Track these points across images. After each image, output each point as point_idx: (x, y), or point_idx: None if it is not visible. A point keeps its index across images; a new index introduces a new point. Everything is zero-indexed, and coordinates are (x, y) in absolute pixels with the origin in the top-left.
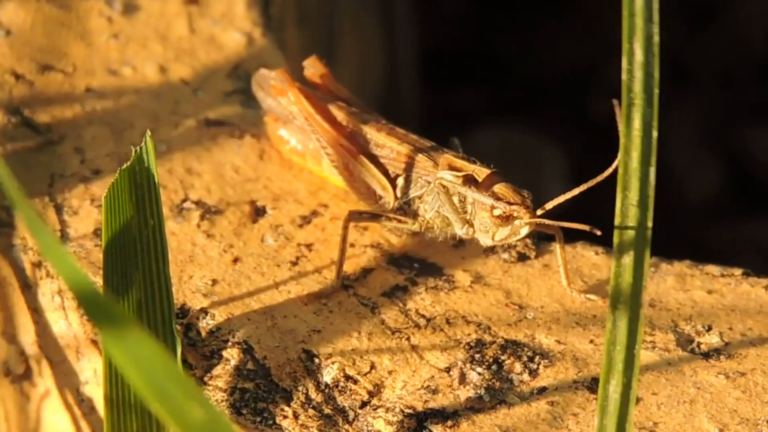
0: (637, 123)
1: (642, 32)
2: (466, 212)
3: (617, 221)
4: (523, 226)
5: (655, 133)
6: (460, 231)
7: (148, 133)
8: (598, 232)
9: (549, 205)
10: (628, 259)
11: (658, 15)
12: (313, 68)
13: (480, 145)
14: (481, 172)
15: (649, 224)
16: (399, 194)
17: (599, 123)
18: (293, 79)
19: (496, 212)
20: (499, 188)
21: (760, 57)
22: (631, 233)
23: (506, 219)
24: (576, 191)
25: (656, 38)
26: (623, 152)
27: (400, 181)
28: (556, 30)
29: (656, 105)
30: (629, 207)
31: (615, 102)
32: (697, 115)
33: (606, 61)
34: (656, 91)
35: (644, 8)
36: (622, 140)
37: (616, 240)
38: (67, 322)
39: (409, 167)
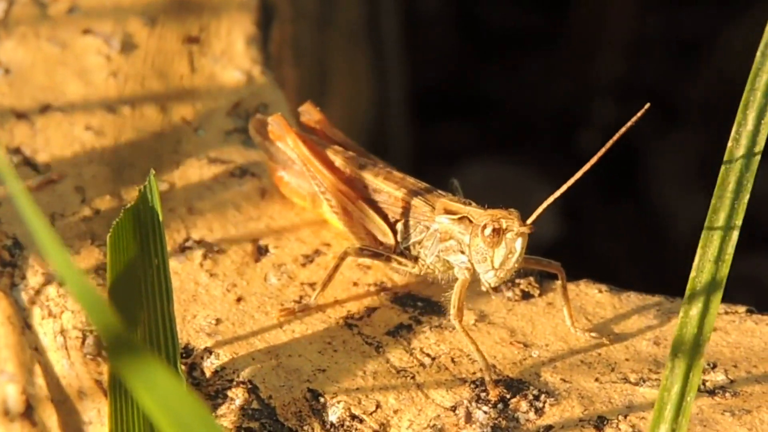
0: (731, 186)
1: (758, 105)
2: (464, 254)
3: (693, 274)
4: (515, 239)
5: (746, 198)
6: (462, 275)
7: (152, 172)
8: None
9: (531, 219)
10: (695, 311)
11: None
12: (308, 114)
13: (468, 181)
14: (476, 213)
15: (722, 282)
16: (400, 239)
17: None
18: (290, 124)
19: (487, 231)
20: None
21: None
22: (702, 287)
23: (497, 233)
24: (551, 199)
25: None
26: (712, 211)
27: (400, 227)
28: (543, 66)
29: (754, 172)
30: (706, 262)
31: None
32: (685, 150)
33: (592, 97)
34: (757, 159)
35: (767, 84)
36: (713, 201)
37: (687, 292)
38: (69, 362)
39: (407, 212)
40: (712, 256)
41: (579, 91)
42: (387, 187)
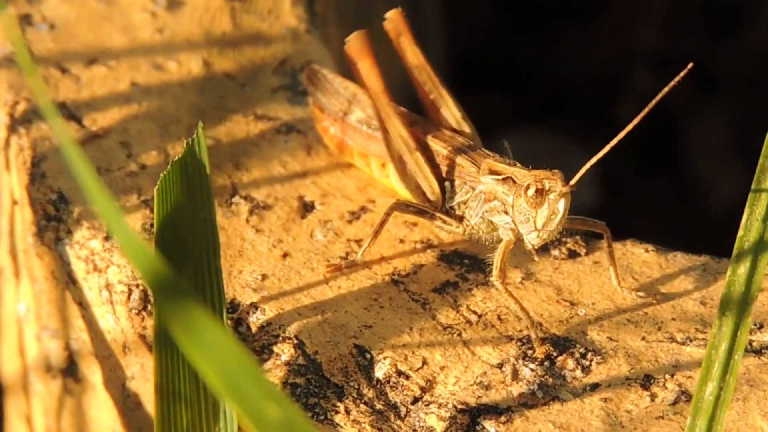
0: None
1: None
2: (508, 214)
3: (740, 233)
4: (558, 200)
5: None
6: (506, 236)
7: (200, 125)
8: None
9: (574, 180)
10: (743, 269)
11: None
12: (393, 23)
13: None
14: (520, 174)
15: None
16: (446, 198)
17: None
18: (370, 49)
19: (530, 191)
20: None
21: None
22: (749, 246)
23: (540, 194)
24: (595, 159)
25: None
26: (759, 170)
27: (447, 185)
28: (581, 37)
29: None
30: (754, 221)
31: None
32: (723, 121)
33: (630, 68)
34: None
35: None
36: (761, 160)
37: (735, 250)
38: (114, 317)
39: (453, 172)
40: (759, 215)
41: (617, 62)
42: (435, 145)
